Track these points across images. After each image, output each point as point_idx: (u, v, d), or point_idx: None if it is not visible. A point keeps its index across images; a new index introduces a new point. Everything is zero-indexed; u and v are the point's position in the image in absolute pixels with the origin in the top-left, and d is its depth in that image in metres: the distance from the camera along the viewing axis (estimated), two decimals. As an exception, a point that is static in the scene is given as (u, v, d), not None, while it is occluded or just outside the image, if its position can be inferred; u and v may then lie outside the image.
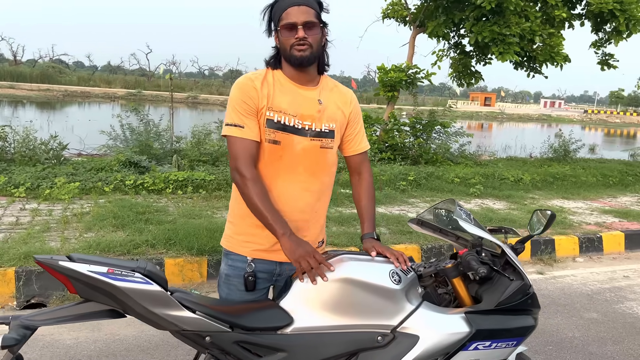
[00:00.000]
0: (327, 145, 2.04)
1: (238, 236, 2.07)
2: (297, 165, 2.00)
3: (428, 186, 8.14)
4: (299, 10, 1.90)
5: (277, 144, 1.97)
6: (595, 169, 10.21)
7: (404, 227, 5.85)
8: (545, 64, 10.20)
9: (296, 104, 1.99)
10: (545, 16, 9.93)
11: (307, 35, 1.91)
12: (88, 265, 1.71)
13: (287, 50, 1.95)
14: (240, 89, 1.97)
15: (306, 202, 2.06)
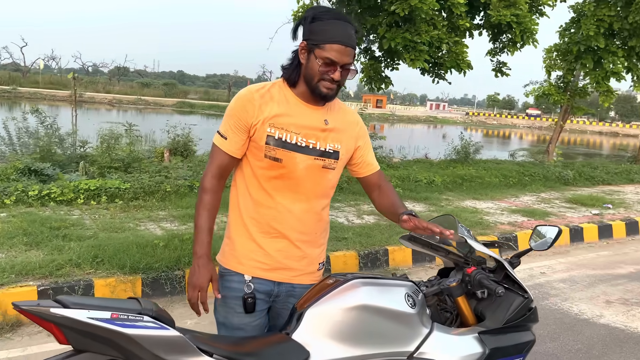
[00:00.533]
0: (330, 166, 1.98)
1: (236, 253, 1.99)
2: (298, 184, 1.95)
3: (350, 190, 8.21)
4: (345, 52, 1.84)
5: (278, 161, 1.91)
6: (496, 170, 10.90)
7: (338, 233, 5.83)
8: (451, 70, 10.70)
9: (301, 122, 1.93)
10: (450, 25, 10.41)
11: (341, 78, 1.87)
12: (87, 311, 1.45)
13: (313, 80, 1.88)
14: (238, 102, 1.93)
15: (306, 222, 2.00)
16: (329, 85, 1.87)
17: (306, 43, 1.88)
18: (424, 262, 5.79)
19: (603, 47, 11.77)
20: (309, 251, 2.02)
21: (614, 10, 11.58)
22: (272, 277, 1.99)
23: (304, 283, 2.03)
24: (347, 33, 1.85)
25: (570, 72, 12.84)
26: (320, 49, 1.83)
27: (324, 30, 1.84)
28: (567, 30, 12.70)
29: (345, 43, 1.84)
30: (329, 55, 1.82)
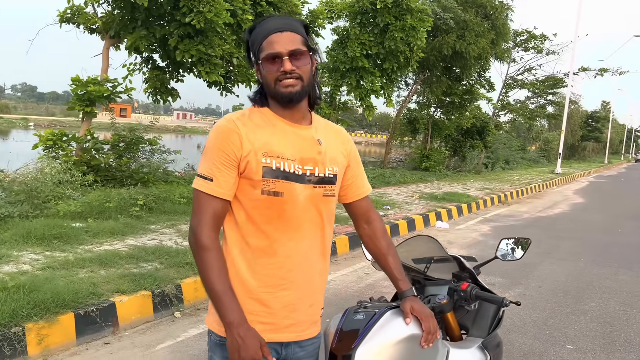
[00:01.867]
0: (330, 193, 1.77)
1: None
2: (301, 219, 1.71)
3: (161, 210, 7.69)
4: (282, 38, 1.62)
5: (278, 195, 1.66)
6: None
7: (177, 258, 5.44)
8: (239, 84, 10.87)
9: (294, 146, 1.69)
10: (238, 40, 10.57)
11: (295, 67, 1.63)
12: None
13: (271, 86, 1.66)
14: (219, 135, 1.66)
15: (313, 262, 1.77)
16: (285, 82, 1.63)
17: (254, 62, 1.71)
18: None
19: (366, 67, 13.39)
20: (316, 296, 1.82)
21: (372, 35, 13.26)
22: (279, 339, 1.74)
23: (312, 337, 1.83)
24: (279, 21, 1.67)
25: (337, 88, 14.23)
26: (261, 51, 1.65)
27: (258, 33, 1.68)
28: (333, 51, 14.05)
29: (277, 29, 1.64)
30: (269, 51, 1.63)
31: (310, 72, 1.68)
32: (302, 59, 1.64)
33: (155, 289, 4.58)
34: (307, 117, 1.78)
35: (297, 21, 1.70)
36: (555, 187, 21.60)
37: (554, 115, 35.58)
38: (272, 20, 1.67)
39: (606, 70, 30.15)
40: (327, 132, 1.83)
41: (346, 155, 1.86)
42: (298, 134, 1.72)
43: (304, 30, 1.69)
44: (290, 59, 1.62)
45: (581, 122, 48.07)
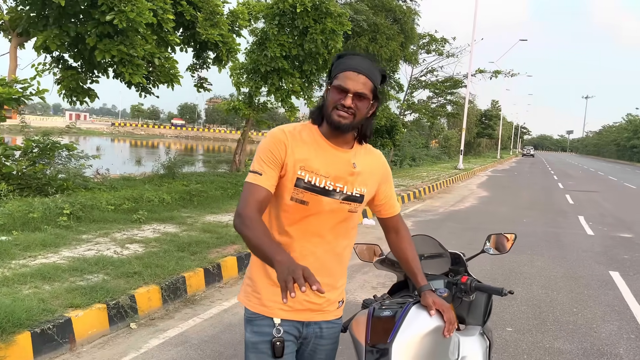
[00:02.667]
0: (355, 210, 2.00)
1: (260, 296, 1.95)
2: (323, 227, 1.95)
3: (90, 218, 7.33)
4: (356, 78, 1.83)
5: (304, 204, 1.90)
6: (212, 183, 11.30)
7: (122, 268, 5.25)
8: (162, 84, 10.57)
9: (330, 165, 1.92)
10: (159, 40, 10.29)
11: (354, 106, 1.83)
12: None
13: (328, 109, 1.88)
14: (270, 139, 1.92)
15: (329, 264, 2.00)
16: (341, 113, 1.83)
17: (329, 82, 1.92)
18: (215, 283, 5.75)
19: (285, 69, 13.48)
20: (330, 294, 2.01)
21: (291, 37, 13.39)
22: (299, 318, 1.97)
23: (329, 319, 2.04)
24: (361, 62, 1.86)
25: (257, 89, 14.20)
26: (334, 79, 1.86)
27: (340, 63, 1.89)
28: (252, 52, 13.99)
29: (355, 69, 1.83)
30: (340, 83, 1.83)
31: (365, 114, 1.88)
32: (363, 102, 1.85)
33: (110, 301, 4.41)
34: (349, 144, 1.98)
35: (378, 69, 1.90)
36: (460, 182, 22.99)
37: (453, 114, 37.72)
38: (358, 59, 1.87)
39: (500, 72, 32.56)
40: (366, 157, 2.03)
41: (379, 180, 2.07)
42: (336, 155, 1.93)
43: (380, 79, 1.90)
44: (353, 98, 1.82)
45: (476, 120, 51.36)
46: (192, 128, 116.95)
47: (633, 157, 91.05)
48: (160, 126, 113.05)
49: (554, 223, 11.97)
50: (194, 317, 4.84)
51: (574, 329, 5.03)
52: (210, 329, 4.58)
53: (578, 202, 17.18)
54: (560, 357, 4.35)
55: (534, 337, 4.74)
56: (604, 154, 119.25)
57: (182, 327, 4.57)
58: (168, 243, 6.46)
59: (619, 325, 5.21)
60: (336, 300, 2.06)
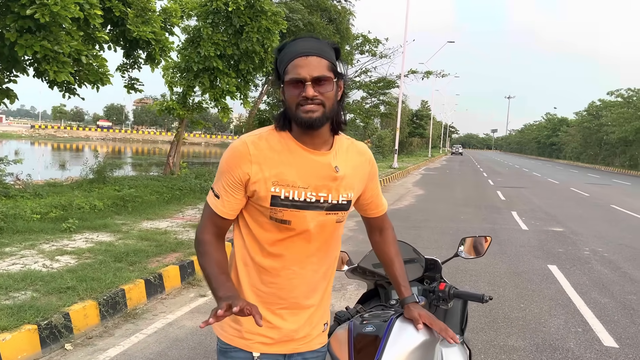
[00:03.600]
0: (342, 219, 1.77)
1: (238, 325, 1.73)
2: (309, 243, 1.72)
3: (13, 229, 6.72)
4: (307, 62, 1.56)
5: (286, 223, 1.66)
6: (147, 187, 10.76)
7: (53, 283, 4.81)
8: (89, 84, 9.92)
9: (308, 174, 1.66)
10: (86, 37, 9.66)
11: (318, 94, 1.57)
12: None
13: (292, 110, 1.60)
14: (230, 157, 1.67)
15: (315, 284, 1.79)
16: (306, 107, 1.57)
17: (279, 82, 1.66)
18: (157, 295, 5.39)
19: (220, 68, 13.09)
20: (316, 316, 1.82)
21: (226, 36, 13.02)
22: (281, 351, 1.76)
23: (313, 349, 1.84)
24: (307, 44, 1.60)
25: (190, 89, 13.71)
26: (286, 74, 1.59)
27: (283, 55, 1.62)
28: (185, 50, 13.49)
29: (302, 53, 1.57)
30: (291, 75, 1.57)
31: (334, 99, 1.63)
32: (325, 85, 1.58)
33: (41, 321, 3.99)
34: (328, 142, 1.73)
35: (327, 44, 1.65)
36: (396, 181, 23.35)
37: (386, 114, 38.36)
38: (301, 42, 1.60)
39: (431, 73, 33.39)
40: (349, 154, 1.79)
41: (365, 177, 1.85)
42: (315, 160, 1.68)
43: (333, 53, 1.64)
44: (313, 85, 1.56)
45: (408, 120, 52.56)
46: (119, 130, 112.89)
47: (552, 154, 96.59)
48: (85, 128, 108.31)
49: (490, 219, 12.31)
50: (137, 333, 4.49)
51: (524, 324, 5.09)
52: (155, 345, 4.26)
53: (509, 198, 17.84)
54: (515, 354, 4.37)
55: (487, 336, 4.75)
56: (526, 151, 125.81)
57: (124, 345, 4.22)
58: (103, 253, 6.02)
59: (565, 319, 5.33)
60: (321, 323, 1.85)
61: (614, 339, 4.83)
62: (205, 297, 5.48)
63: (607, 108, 63.87)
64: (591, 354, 4.46)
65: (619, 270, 7.58)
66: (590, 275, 7.18)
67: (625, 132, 53.70)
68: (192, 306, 5.23)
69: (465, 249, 2.57)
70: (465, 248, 2.57)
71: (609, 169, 57.93)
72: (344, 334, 1.88)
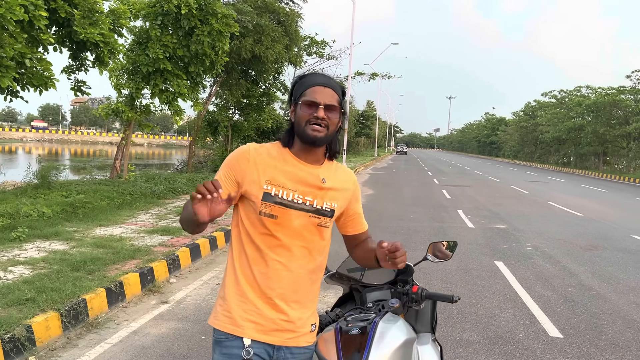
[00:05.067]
0: (325, 224, 1.97)
1: (231, 314, 1.91)
2: (293, 242, 1.92)
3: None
4: (324, 91, 1.89)
5: (272, 217, 1.89)
6: (96, 193, 10.51)
7: (15, 295, 4.70)
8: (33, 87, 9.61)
9: (298, 180, 1.92)
10: (30, 39, 9.35)
11: (326, 117, 1.87)
12: None
13: (301, 126, 1.89)
14: (234, 155, 1.96)
15: (301, 281, 1.95)
16: (315, 126, 1.86)
17: (292, 103, 1.95)
18: (118, 303, 5.35)
19: (169, 70, 12.94)
20: (302, 312, 1.96)
21: (176, 37, 12.89)
22: (270, 340, 1.92)
23: (301, 346, 1.98)
24: (326, 80, 1.93)
25: (138, 91, 13.47)
26: (302, 96, 1.89)
27: (303, 82, 1.93)
28: (131, 52, 13.25)
29: (322, 84, 1.90)
30: (309, 97, 1.87)
31: (336, 126, 1.92)
32: (333, 113, 1.89)
33: (4, 335, 3.92)
34: (320, 162, 1.99)
35: (339, 85, 1.96)
36: (345, 181, 23.64)
37: (333, 114, 38.64)
38: (321, 76, 1.94)
39: (377, 74, 34.01)
40: (336, 174, 2.02)
41: (349, 197, 2.05)
42: (305, 170, 1.94)
43: (341, 93, 1.95)
44: (324, 110, 1.86)
45: (354, 120, 53.22)
46: (55, 131, 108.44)
47: (492, 152, 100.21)
48: (19, 129, 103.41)
49: (438, 217, 12.76)
50: (101, 342, 4.46)
51: (477, 319, 5.39)
52: (122, 354, 4.26)
53: (454, 196, 18.49)
54: (471, 347, 4.64)
55: (444, 331, 5.00)
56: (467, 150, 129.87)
57: (90, 356, 4.20)
58: (59, 262, 5.90)
59: (514, 312, 5.68)
60: (309, 323, 2.00)
61: (558, 329, 5.20)
62: (168, 304, 5.49)
63: (542, 108, 67.01)
64: (539, 344, 4.80)
65: (558, 265, 8.09)
66: (534, 270, 7.63)
67: (559, 132, 56.48)
68: (155, 313, 5.23)
69: (433, 253, 2.75)
70: (433, 252, 2.75)
71: (544, 167, 60.81)
72: (331, 335, 2.02)
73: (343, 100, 1.96)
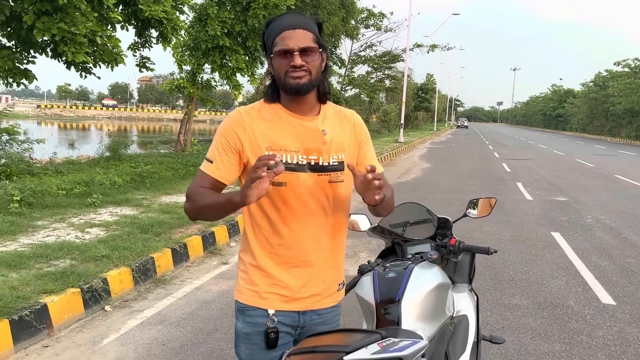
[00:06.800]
0: (337, 179, 1.84)
1: (254, 287, 1.85)
2: (306, 205, 1.82)
3: (42, 204, 7.09)
4: (294, 35, 1.71)
5: (281, 185, 1.77)
6: (161, 164, 11.10)
7: (88, 252, 5.17)
8: (104, 64, 10.19)
9: (298, 138, 1.79)
10: (99, 17, 9.89)
11: (305, 63, 1.72)
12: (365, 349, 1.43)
13: (281, 78, 1.74)
14: (226, 123, 1.81)
15: (322, 242, 1.88)
16: (294, 74, 1.71)
17: (268, 56, 1.79)
18: (183, 263, 5.76)
19: (228, 46, 13.29)
20: (328, 274, 1.92)
21: (233, 13, 13.19)
22: (295, 308, 1.87)
23: (327, 307, 1.95)
24: (293, 19, 1.75)
25: (199, 67, 13.93)
26: (274, 46, 1.73)
27: (272, 29, 1.76)
28: (192, 28, 13.69)
29: (290, 26, 1.72)
30: (280, 46, 1.71)
31: (319, 68, 1.77)
32: (311, 55, 1.73)
33: (83, 285, 4.37)
34: (315, 109, 1.86)
35: (311, 19, 1.80)
36: (402, 155, 23.60)
37: (391, 88, 38.33)
38: (287, 17, 1.76)
39: (436, 46, 33.31)
40: (336, 119, 1.90)
41: (355, 138, 1.93)
42: (304, 125, 1.81)
43: (316, 28, 1.78)
44: (300, 55, 1.70)
45: (413, 94, 52.43)
46: (124, 108, 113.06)
47: (558, 126, 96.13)
48: (91, 107, 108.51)
49: (495, 190, 12.61)
50: (168, 296, 4.86)
51: (527, 286, 5.43)
52: (186, 307, 4.63)
53: (514, 169, 18.10)
54: (518, 311, 4.72)
55: (493, 296, 5.09)
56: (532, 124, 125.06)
57: (158, 307, 4.60)
58: (129, 225, 6.39)
59: (567, 280, 5.67)
60: (336, 282, 1.96)
61: (612, 297, 5.17)
62: (228, 265, 5.85)
63: (613, 79, 63.42)
64: (589, 310, 4.81)
65: (619, 236, 7.90)
66: (592, 241, 7.50)
67: (632, 103, 53.47)
68: (216, 272, 5.60)
69: (473, 210, 2.88)
70: (473, 209, 2.88)
71: (615, 140, 57.86)
72: (369, 278, 2.20)
73: (321, 33, 1.80)
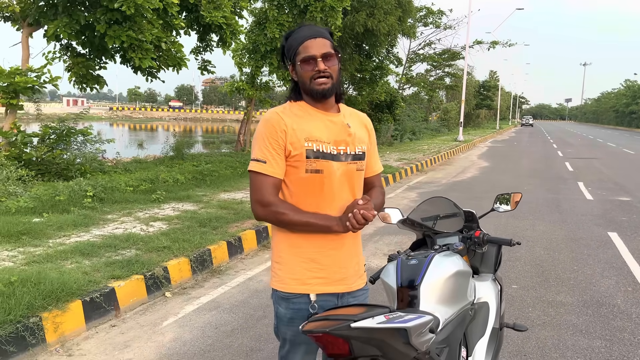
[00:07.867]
0: (362, 167, 2.11)
1: (294, 275, 2.02)
2: (339, 191, 2.03)
3: (112, 199, 7.69)
4: (316, 43, 1.95)
5: (319, 172, 1.98)
6: (221, 163, 11.63)
7: (151, 243, 5.61)
8: (169, 68, 10.82)
9: (329, 131, 2.02)
10: (164, 24, 10.50)
11: (327, 67, 1.95)
12: (372, 319, 1.63)
13: (307, 84, 1.97)
14: (269, 124, 1.98)
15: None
16: (320, 80, 1.94)
17: (290, 64, 2.04)
18: (237, 255, 6.12)
19: (286, 48, 13.67)
20: (356, 255, 2.16)
21: (291, 16, 13.58)
22: (335, 290, 2.06)
23: (360, 288, 2.18)
24: (311, 30, 1.99)
25: (258, 69, 14.43)
26: (297, 55, 1.97)
27: (293, 40, 1.99)
28: (251, 32, 14.20)
29: (311, 36, 1.95)
30: (305, 54, 1.94)
31: (338, 72, 2.01)
32: (332, 60, 1.97)
33: (146, 272, 4.79)
34: (335, 107, 2.10)
35: (325, 29, 2.04)
36: (460, 154, 23.30)
37: (451, 86, 37.79)
38: (305, 29, 2.01)
39: (497, 42, 32.60)
40: (353, 118, 2.16)
41: (369, 136, 2.21)
42: (331, 120, 2.05)
43: (330, 36, 2.02)
44: (323, 61, 1.94)
45: (474, 92, 51.36)
46: (189, 110, 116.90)
47: (631, 123, 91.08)
48: (158, 109, 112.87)
49: (554, 189, 12.33)
50: (222, 285, 5.22)
51: (575, 284, 5.42)
52: (239, 295, 4.97)
53: (577, 169, 17.53)
54: (562, 308, 4.74)
55: (537, 293, 5.13)
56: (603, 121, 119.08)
57: (213, 295, 4.96)
58: (189, 220, 6.83)
59: (617, 280, 5.60)
60: (362, 262, 2.22)
61: (664, 298, 5.08)
62: (279, 258, 6.16)
63: (693, 72, 59.40)
64: (637, 309, 4.76)
65: (682, 238, 7.62)
66: (651, 242, 7.29)
67: None
68: (268, 265, 5.92)
69: (500, 204, 3.03)
70: (499, 203, 3.03)
71: (694, 138, 54.30)
72: (394, 265, 2.41)
73: (333, 39, 2.04)
